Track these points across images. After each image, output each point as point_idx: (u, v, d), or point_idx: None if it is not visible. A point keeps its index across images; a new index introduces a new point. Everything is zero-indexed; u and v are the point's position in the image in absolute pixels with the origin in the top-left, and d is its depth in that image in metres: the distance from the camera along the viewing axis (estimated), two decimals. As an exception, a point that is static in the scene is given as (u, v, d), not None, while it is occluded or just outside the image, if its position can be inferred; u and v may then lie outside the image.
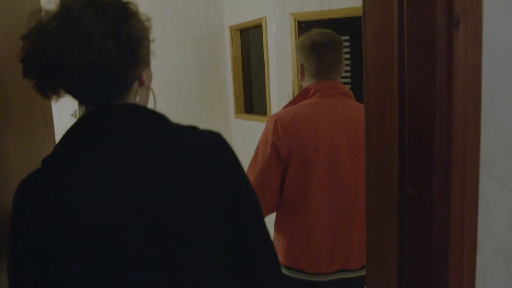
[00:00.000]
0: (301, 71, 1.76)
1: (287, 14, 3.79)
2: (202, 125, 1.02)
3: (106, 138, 0.88)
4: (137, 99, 0.97)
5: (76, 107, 2.58)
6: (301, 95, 1.71)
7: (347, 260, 1.63)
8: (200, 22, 4.75)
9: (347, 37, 3.74)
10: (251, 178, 1.61)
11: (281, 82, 3.92)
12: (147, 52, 0.95)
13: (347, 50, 3.76)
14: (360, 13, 2.92)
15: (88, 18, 0.82)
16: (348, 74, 3.74)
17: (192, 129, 0.97)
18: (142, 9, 1.05)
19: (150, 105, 1.02)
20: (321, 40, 1.69)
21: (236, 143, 4.91)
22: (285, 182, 1.63)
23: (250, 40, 4.71)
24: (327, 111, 1.63)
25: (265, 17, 4.03)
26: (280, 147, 1.58)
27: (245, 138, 4.66)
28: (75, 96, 0.91)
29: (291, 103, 1.72)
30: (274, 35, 3.92)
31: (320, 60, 1.68)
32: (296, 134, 1.59)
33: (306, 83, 1.75)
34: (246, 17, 4.38)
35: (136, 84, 0.96)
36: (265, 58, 4.10)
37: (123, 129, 0.89)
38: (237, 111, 4.81)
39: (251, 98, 4.81)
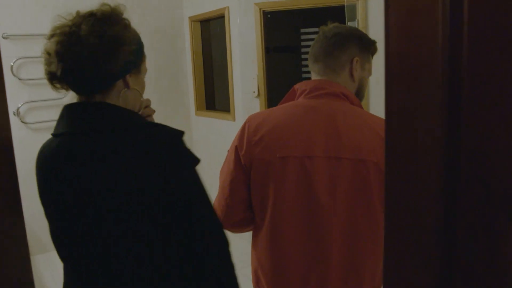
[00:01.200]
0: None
1: (252, 3, 3.51)
2: (160, 122, 1.12)
3: (72, 128, 1.07)
4: (120, 100, 1.11)
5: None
6: (288, 96, 1.46)
7: None
8: (157, 12, 4.40)
9: (316, 29, 3.49)
10: (219, 186, 1.44)
11: (246, 77, 3.64)
12: (127, 57, 1.09)
13: (316, 43, 3.52)
14: (329, 3, 2.52)
15: (84, 22, 1.07)
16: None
17: (154, 128, 1.07)
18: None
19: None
20: (324, 29, 1.44)
21: (197, 141, 4.60)
22: (251, 195, 1.38)
23: (211, 32, 4.41)
24: (305, 116, 1.32)
25: (228, 7, 3.73)
26: (242, 153, 1.35)
27: (207, 137, 4.35)
28: (69, 85, 1.11)
29: (281, 102, 1.48)
30: (237, 27, 3.63)
31: (316, 51, 1.42)
32: (261, 140, 1.33)
33: None
34: (207, 7, 4.06)
35: (121, 85, 1.11)
36: (228, 52, 3.80)
37: (87, 123, 1.07)
38: (198, 108, 4.50)
39: (213, 94, 4.51)
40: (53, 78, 1.10)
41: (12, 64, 3.71)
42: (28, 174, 3.87)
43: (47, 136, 2.54)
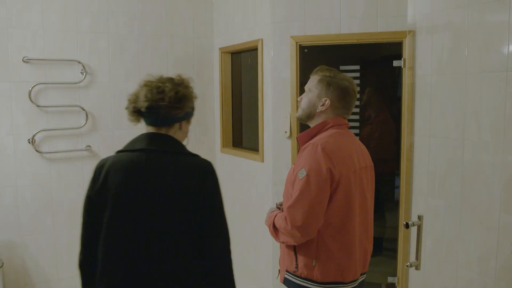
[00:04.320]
0: (328, 105, 1.94)
1: (288, 36, 3.25)
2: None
3: (146, 148, 1.64)
4: (176, 135, 1.72)
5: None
6: (319, 126, 1.95)
7: (365, 266, 2.00)
8: (185, 42, 4.19)
9: (356, 67, 3.21)
10: (306, 204, 1.78)
11: (277, 115, 3.35)
12: (187, 110, 1.71)
13: (356, 82, 3.21)
14: (373, 39, 2.54)
15: (168, 82, 1.68)
16: (356, 109, 3.20)
17: (194, 156, 1.68)
18: (119, 24, 3.02)
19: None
20: (355, 89, 1.99)
21: (221, 179, 4.27)
22: (332, 204, 1.81)
23: (242, 64, 4.16)
24: (350, 140, 1.95)
25: (262, 39, 3.48)
26: (335, 172, 1.78)
27: (232, 176, 4.05)
28: (146, 119, 1.69)
29: (310, 132, 1.97)
30: (271, 60, 3.36)
31: (349, 105, 1.99)
32: (341, 160, 1.82)
33: (323, 116, 1.96)
34: (239, 38, 3.83)
35: (177, 125, 1.71)
36: (259, 87, 3.53)
37: (155, 145, 1.64)
38: (224, 145, 4.21)
39: (241, 131, 4.22)
40: (136, 111, 1.67)
41: (30, 89, 3.50)
42: (40, 206, 3.64)
43: (62, 167, 3.55)
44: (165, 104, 1.60)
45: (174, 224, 1.57)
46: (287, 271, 1.97)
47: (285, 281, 1.98)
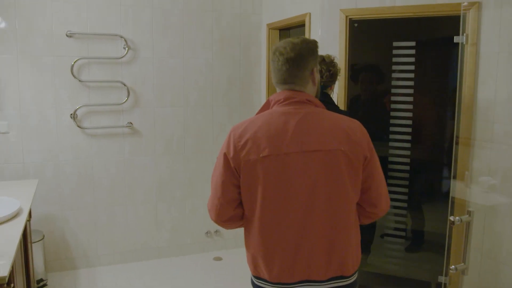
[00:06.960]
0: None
1: (337, 10, 2.99)
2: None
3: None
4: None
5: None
6: (264, 106, 1.74)
7: (309, 272, 1.66)
8: (232, 18, 4.01)
9: (412, 43, 2.89)
10: (211, 189, 1.72)
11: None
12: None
13: (411, 60, 2.91)
14: (432, 12, 2.12)
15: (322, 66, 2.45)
16: (410, 90, 2.89)
17: None
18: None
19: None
20: (281, 51, 1.65)
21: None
22: (241, 193, 1.67)
23: (290, 42, 3.93)
24: (279, 119, 1.65)
25: (309, 14, 3.23)
26: (230, 157, 1.63)
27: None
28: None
29: (256, 114, 1.76)
30: (319, 37, 3.11)
31: (277, 71, 1.68)
32: (244, 145, 1.63)
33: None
34: (286, 13, 3.60)
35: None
36: (306, 64, 3.30)
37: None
38: (269, 126, 4.02)
39: (286, 112, 4.01)
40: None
41: (72, 63, 3.47)
42: (80, 181, 3.63)
43: (103, 143, 3.63)
44: (322, 80, 2.41)
45: None
46: None
47: None
